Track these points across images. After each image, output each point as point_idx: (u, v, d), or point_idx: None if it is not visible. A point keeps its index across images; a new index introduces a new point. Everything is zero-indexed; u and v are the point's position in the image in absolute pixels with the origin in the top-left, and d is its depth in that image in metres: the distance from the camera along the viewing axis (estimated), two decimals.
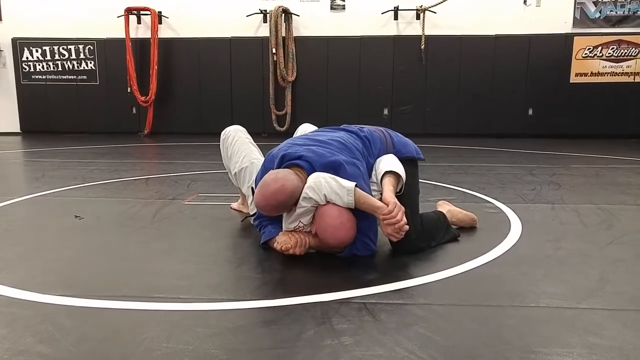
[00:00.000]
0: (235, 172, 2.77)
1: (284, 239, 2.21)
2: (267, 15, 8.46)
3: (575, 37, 8.24)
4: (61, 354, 1.44)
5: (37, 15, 8.88)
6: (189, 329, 1.58)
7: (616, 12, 8.29)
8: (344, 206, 2.12)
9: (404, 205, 2.17)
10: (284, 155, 2.27)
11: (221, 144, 2.89)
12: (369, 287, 1.92)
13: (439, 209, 2.71)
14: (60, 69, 8.98)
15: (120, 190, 3.96)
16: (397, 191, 2.28)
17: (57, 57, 8.96)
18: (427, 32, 8.33)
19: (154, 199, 3.58)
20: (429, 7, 8.26)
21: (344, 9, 8.62)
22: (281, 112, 8.67)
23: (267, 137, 8.15)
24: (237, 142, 2.81)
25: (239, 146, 2.79)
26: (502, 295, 1.87)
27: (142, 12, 8.73)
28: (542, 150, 6.60)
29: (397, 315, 1.69)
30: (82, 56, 8.94)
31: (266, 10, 8.52)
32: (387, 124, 7.41)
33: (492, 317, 1.69)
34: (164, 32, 8.79)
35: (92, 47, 8.91)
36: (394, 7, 8.43)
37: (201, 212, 3.19)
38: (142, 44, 8.75)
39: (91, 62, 8.96)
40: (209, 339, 1.52)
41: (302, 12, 8.57)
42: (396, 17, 8.49)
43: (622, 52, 8.21)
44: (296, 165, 2.23)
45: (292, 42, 8.52)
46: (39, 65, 9.00)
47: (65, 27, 8.83)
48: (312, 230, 2.22)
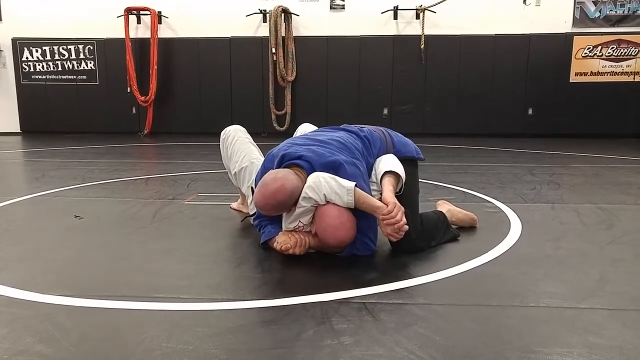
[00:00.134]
0: (235, 172, 2.77)
1: (283, 239, 2.21)
2: (267, 15, 8.46)
3: (575, 37, 8.24)
4: (61, 354, 1.44)
5: (37, 15, 8.88)
6: (188, 328, 1.58)
7: (616, 12, 8.28)
8: (343, 206, 2.12)
9: (403, 205, 2.17)
10: (283, 155, 2.27)
11: (221, 144, 2.89)
12: (368, 286, 1.92)
13: (439, 209, 2.71)
14: (60, 69, 8.98)
15: (120, 190, 3.96)
16: (397, 191, 2.28)
17: (57, 57, 8.96)
18: (426, 32, 8.32)
19: (154, 198, 3.58)
20: (429, 7, 8.25)
21: (343, 8, 8.61)
22: (281, 112, 8.67)
23: (266, 137, 8.15)
24: (237, 141, 2.81)
25: (239, 146, 2.79)
26: (502, 294, 1.87)
27: (141, 12, 8.73)
28: (542, 149, 6.60)
29: (397, 315, 1.69)
30: (82, 56, 8.94)
31: (266, 10, 8.52)
32: (386, 123, 7.40)
33: (492, 316, 1.69)
34: (164, 32, 8.78)
35: (92, 47, 8.91)
36: (394, 7, 8.43)
37: (201, 212, 3.19)
38: (141, 44, 8.75)
39: (91, 62, 8.96)
40: (208, 338, 1.52)
41: (302, 12, 8.56)
42: (396, 17, 8.49)
43: (622, 52, 8.21)
44: (296, 165, 2.23)
45: (291, 41, 8.52)
46: (39, 65, 8.99)
47: (65, 27, 8.83)
48: (311, 230, 2.21)
